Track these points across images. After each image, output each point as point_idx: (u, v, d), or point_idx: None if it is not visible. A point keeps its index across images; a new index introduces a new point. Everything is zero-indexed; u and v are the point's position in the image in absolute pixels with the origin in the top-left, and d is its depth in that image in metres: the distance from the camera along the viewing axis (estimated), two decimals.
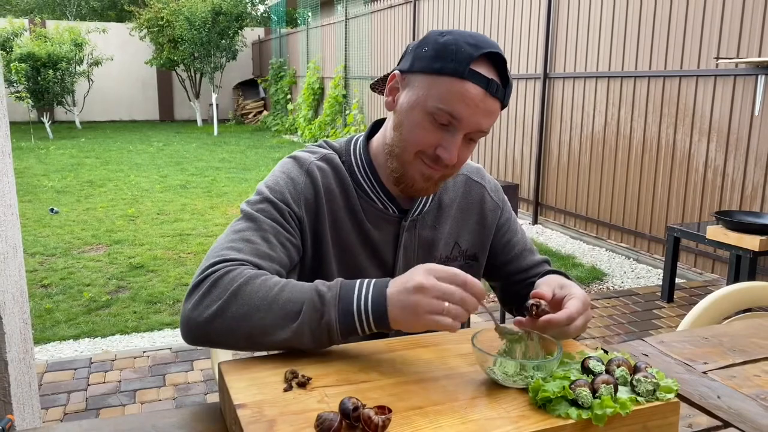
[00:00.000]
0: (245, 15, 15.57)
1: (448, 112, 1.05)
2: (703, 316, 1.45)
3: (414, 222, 1.21)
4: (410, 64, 1.11)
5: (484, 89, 1.04)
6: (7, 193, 1.80)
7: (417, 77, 1.09)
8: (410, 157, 1.10)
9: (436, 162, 1.09)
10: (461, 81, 1.03)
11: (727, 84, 4.29)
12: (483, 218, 1.29)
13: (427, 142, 1.08)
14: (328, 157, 1.20)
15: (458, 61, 1.04)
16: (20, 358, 1.85)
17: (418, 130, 1.08)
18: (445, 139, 1.07)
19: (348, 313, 0.93)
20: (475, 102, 1.04)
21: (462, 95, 1.04)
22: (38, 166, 9.45)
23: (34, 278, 4.47)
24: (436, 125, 1.07)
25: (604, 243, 5.47)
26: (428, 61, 1.07)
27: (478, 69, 1.04)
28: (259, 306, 0.95)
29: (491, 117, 1.08)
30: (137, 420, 0.90)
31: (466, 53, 1.04)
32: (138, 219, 6.31)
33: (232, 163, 9.99)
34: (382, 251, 1.20)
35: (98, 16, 25.06)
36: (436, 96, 1.05)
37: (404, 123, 1.10)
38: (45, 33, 14.09)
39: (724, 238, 3.46)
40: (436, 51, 1.06)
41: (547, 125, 6.15)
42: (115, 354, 3.25)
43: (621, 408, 0.79)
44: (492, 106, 1.07)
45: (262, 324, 0.94)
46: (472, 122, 1.06)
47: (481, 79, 1.04)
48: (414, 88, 1.09)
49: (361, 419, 0.74)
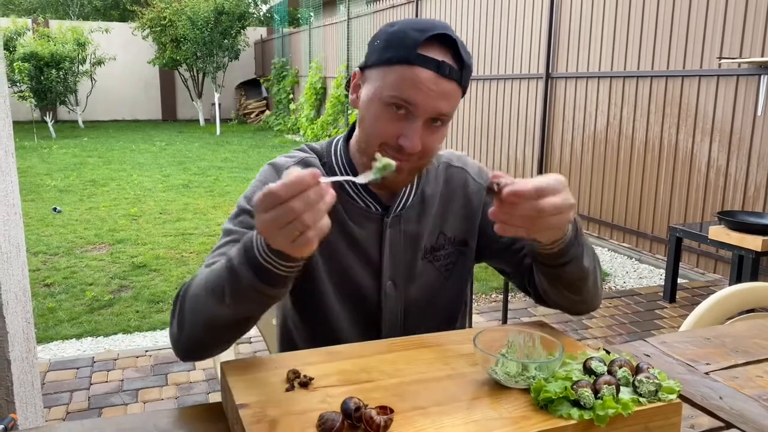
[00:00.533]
0: (248, 15, 15.59)
1: (403, 99, 1.04)
2: (705, 317, 1.45)
3: (398, 218, 1.20)
4: (366, 59, 1.12)
5: (434, 72, 1.04)
6: (10, 193, 1.80)
7: (373, 71, 1.10)
8: (375, 150, 1.09)
9: (400, 152, 1.07)
10: (410, 67, 1.03)
11: (730, 84, 4.28)
12: (468, 202, 1.27)
13: (387, 133, 1.07)
14: (306, 160, 1.20)
15: (405, 47, 1.04)
16: (23, 357, 1.85)
17: (378, 122, 1.08)
18: (406, 128, 1.06)
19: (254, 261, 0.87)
20: (427, 86, 1.03)
21: (413, 80, 1.03)
22: (41, 165, 9.47)
23: (37, 277, 4.48)
24: (395, 115, 1.06)
25: (606, 243, 5.46)
26: (380, 52, 1.08)
27: (427, 53, 1.04)
28: (198, 300, 0.97)
29: (448, 99, 1.06)
30: (139, 419, 0.91)
31: (412, 38, 1.04)
32: (140, 218, 6.32)
33: (234, 162, 10.00)
34: (367, 249, 1.19)
35: (101, 15, 25.10)
36: (390, 85, 1.05)
37: (365, 117, 1.11)
38: (48, 32, 14.12)
39: (727, 238, 3.45)
40: (386, 41, 1.07)
41: (550, 125, 6.14)
42: (117, 353, 3.26)
43: (623, 409, 0.79)
44: (447, 88, 1.05)
45: (209, 314, 0.95)
46: (428, 107, 1.05)
47: (431, 62, 1.04)
48: (371, 82, 1.10)
49: (363, 419, 0.75)
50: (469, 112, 7.56)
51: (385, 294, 1.20)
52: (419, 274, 1.22)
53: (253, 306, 0.93)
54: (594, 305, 1.16)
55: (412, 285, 1.22)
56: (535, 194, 0.88)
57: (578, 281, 1.08)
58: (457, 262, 1.26)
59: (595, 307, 1.17)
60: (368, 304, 1.20)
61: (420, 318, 1.23)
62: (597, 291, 1.15)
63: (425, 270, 1.23)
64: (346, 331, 1.20)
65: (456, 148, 7.85)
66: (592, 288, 1.12)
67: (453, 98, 1.07)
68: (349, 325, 1.20)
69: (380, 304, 1.20)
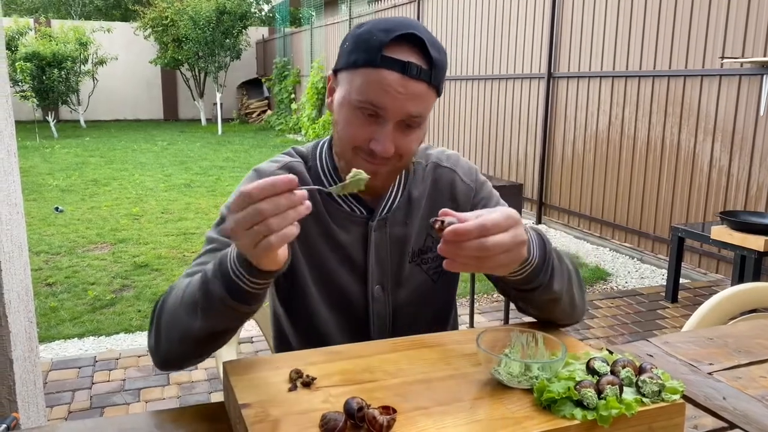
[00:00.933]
0: (249, 14, 15.59)
1: (370, 103, 1.02)
2: (708, 317, 1.45)
3: (384, 221, 1.18)
4: (336, 62, 1.11)
5: (401, 73, 1.01)
6: (12, 192, 1.80)
7: (342, 74, 1.08)
8: (349, 154, 1.08)
9: (373, 156, 1.06)
10: (376, 69, 1.01)
11: (732, 84, 4.27)
12: (455, 202, 1.23)
13: (359, 137, 1.06)
14: (290, 165, 1.18)
15: (370, 49, 1.02)
16: (25, 357, 1.85)
17: (349, 127, 1.06)
18: (376, 132, 1.04)
19: (226, 276, 0.88)
20: (393, 88, 1.01)
21: (379, 84, 1.01)
22: (43, 165, 9.48)
23: (39, 277, 4.48)
24: (366, 119, 1.04)
25: (608, 243, 5.46)
26: (347, 55, 1.06)
27: (392, 54, 1.01)
28: (174, 311, 0.97)
29: (418, 100, 1.03)
30: (141, 419, 0.91)
31: (377, 40, 1.02)
32: (142, 218, 6.33)
33: (236, 162, 10.01)
34: (352, 253, 1.17)
35: (103, 15, 25.12)
36: (357, 89, 1.03)
37: (338, 121, 1.09)
38: (50, 32, 14.14)
39: (729, 238, 3.45)
40: (353, 44, 1.06)
41: (551, 125, 6.14)
42: (119, 353, 3.26)
43: (626, 409, 0.79)
44: (415, 89, 1.02)
45: (184, 327, 0.95)
46: (397, 110, 1.03)
47: (396, 64, 1.01)
48: (342, 85, 1.08)
49: (366, 419, 0.74)
50: (471, 113, 7.56)
51: (373, 298, 1.18)
52: (407, 278, 1.20)
53: (225, 320, 0.93)
54: (572, 320, 1.13)
55: (400, 289, 1.20)
56: (478, 233, 0.85)
57: (549, 303, 1.05)
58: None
59: (575, 322, 1.14)
60: (355, 309, 1.19)
61: (409, 322, 1.21)
62: (573, 310, 1.10)
63: (413, 274, 1.21)
64: (334, 336, 1.18)
65: (458, 147, 7.84)
66: (567, 308, 1.08)
67: (423, 99, 1.05)
68: (337, 330, 1.19)
69: (368, 309, 1.19)
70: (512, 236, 0.87)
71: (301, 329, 1.21)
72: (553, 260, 1.01)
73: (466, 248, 0.85)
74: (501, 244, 0.86)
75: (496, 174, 7.07)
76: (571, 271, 1.09)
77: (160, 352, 1.02)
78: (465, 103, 7.68)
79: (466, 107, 7.66)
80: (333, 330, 1.19)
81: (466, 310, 3.80)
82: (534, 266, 0.97)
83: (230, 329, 0.97)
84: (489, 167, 7.20)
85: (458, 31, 7.72)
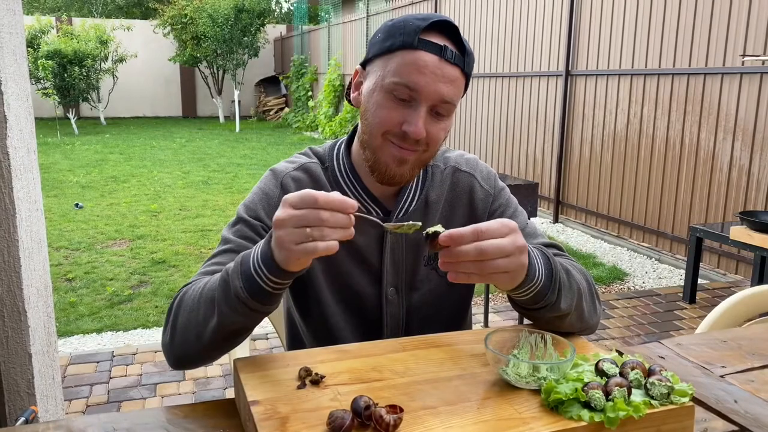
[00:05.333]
0: (267, 12, 15.66)
1: (405, 84, 1.03)
2: (722, 319, 1.43)
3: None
4: (367, 54, 1.12)
5: (438, 56, 1.03)
6: (32, 189, 1.84)
7: (374, 63, 1.09)
8: (378, 140, 1.08)
9: (404, 140, 1.06)
10: (413, 51, 1.03)
11: (754, 82, 4.21)
12: (473, 208, 1.23)
13: (391, 121, 1.06)
14: (306, 166, 1.19)
15: (407, 33, 1.03)
16: (44, 351, 1.89)
17: (381, 111, 1.06)
18: (409, 114, 1.04)
19: (247, 273, 0.90)
20: (430, 69, 1.02)
21: (416, 64, 1.02)
22: (64, 161, 9.61)
23: (59, 272, 4.55)
24: (398, 102, 1.05)
25: (625, 242, 5.41)
26: (380, 43, 1.08)
27: (429, 38, 1.03)
28: (192, 308, 0.99)
29: (452, 85, 1.05)
30: (153, 414, 0.92)
31: (414, 25, 1.04)
32: (160, 214, 6.39)
33: (253, 159, 10.06)
34: (368, 254, 1.17)
35: (123, 13, 25.38)
36: (392, 71, 1.04)
37: (368, 108, 1.09)
38: (71, 30, 14.31)
39: (749, 238, 3.40)
40: (387, 33, 1.07)
41: (569, 123, 6.09)
42: (136, 348, 3.30)
43: (634, 411, 0.79)
44: (450, 73, 1.04)
45: (199, 322, 0.97)
46: (432, 91, 1.03)
47: (433, 47, 1.03)
48: (373, 74, 1.09)
49: (373, 418, 0.75)
50: (488, 110, 7.53)
51: (387, 301, 1.18)
52: (421, 281, 1.20)
53: (241, 319, 0.94)
54: (582, 333, 1.11)
55: (414, 292, 1.20)
56: (473, 236, 0.86)
57: (556, 320, 1.03)
58: None
59: (587, 333, 1.12)
60: (369, 310, 1.19)
61: (422, 324, 1.21)
62: (583, 324, 1.09)
63: (428, 277, 1.20)
64: (347, 337, 1.19)
65: (475, 146, 7.82)
66: (576, 323, 1.07)
67: (457, 84, 1.06)
68: (350, 331, 1.19)
69: (381, 311, 1.19)
70: (510, 241, 0.88)
71: (314, 329, 1.22)
72: (561, 278, 1.00)
73: (463, 253, 0.86)
74: (499, 247, 0.87)
75: (513, 172, 7.04)
76: (582, 286, 1.08)
77: (174, 350, 1.03)
78: (482, 100, 7.65)
79: (483, 105, 7.63)
80: (346, 330, 1.19)
81: (480, 309, 3.80)
82: (540, 285, 0.96)
83: (244, 329, 0.98)
84: (506, 165, 7.17)
85: (476, 29, 7.69)
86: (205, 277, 1.04)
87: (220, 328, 0.95)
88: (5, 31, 1.65)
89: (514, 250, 0.88)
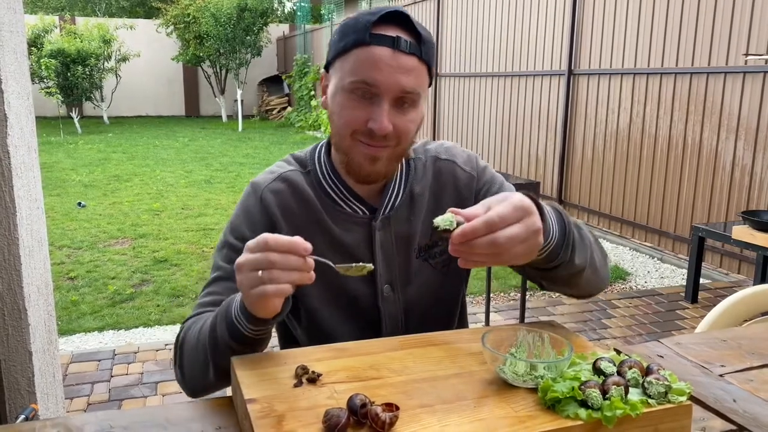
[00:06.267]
0: (270, 11, 15.67)
1: (363, 81, 1.03)
2: (722, 318, 1.43)
3: (387, 219, 1.17)
4: (327, 57, 1.12)
5: (391, 48, 1.02)
6: (33, 188, 1.84)
7: (334, 65, 1.09)
8: (348, 141, 1.08)
9: (372, 137, 1.05)
10: (366, 47, 1.02)
11: (757, 81, 4.20)
12: (458, 193, 1.22)
13: (356, 120, 1.06)
14: (285, 175, 1.18)
15: (358, 30, 1.03)
16: (44, 349, 1.89)
17: (345, 111, 1.06)
18: (373, 111, 1.04)
19: (230, 322, 0.96)
20: (385, 62, 1.02)
21: (370, 60, 1.02)
22: (67, 160, 9.63)
23: (61, 270, 4.56)
24: (360, 101, 1.05)
25: (627, 242, 5.40)
26: (336, 44, 1.08)
27: (381, 31, 1.03)
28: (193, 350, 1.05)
29: (411, 74, 1.04)
30: (152, 412, 0.92)
31: (364, 20, 1.03)
32: (163, 213, 6.40)
33: (256, 158, 10.07)
34: (358, 254, 1.16)
35: (127, 13, 25.41)
36: (349, 71, 1.04)
37: (334, 110, 1.09)
38: (75, 29, 14.35)
39: (751, 238, 3.39)
40: (341, 32, 1.07)
41: (571, 122, 6.09)
42: (138, 346, 3.31)
43: (631, 410, 0.78)
44: (407, 63, 1.03)
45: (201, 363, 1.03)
46: (391, 84, 1.03)
47: (386, 39, 1.02)
48: (334, 76, 1.09)
49: (369, 416, 0.75)
50: (490, 109, 7.52)
51: (383, 299, 1.17)
52: (415, 274, 1.19)
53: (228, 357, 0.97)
54: (597, 288, 1.12)
55: (409, 287, 1.19)
56: (486, 229, 0.83)
57: (573, 277, 1.03)
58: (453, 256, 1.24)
59: (600, 290, 1.13)
60: (366, 311, 1.18)
61: (421, 318, 1.21)
62: (597, 279, 1.09)
63: (421, 270, 1.20)
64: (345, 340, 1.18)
65: (477, 145, 7.81)
66: (591, 278, 1.07)
67: (416, 73, 1.05)
68: (348, 336, 1.18)
69: (378, 310, 1.18)
70: (525, 227, 0.84)
71: (309, 337, 1.20)
72: (574, 235, 0.99)
73: (478, 246, 0.84)
74: (513, 237, 0.83)
75: (515, 172, 7.03)
76: (591, 240, 1.08)
77: (186, 384, 1.10)
78: (484, 99, 7.64)
79: (485, 104, 7.62)
80: (344, 335, 1.17)
81: (481, 308, 3.80)
82: (554, 245, 0.95)
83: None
84: (508, 165, 7.17)
85: (478, 28, 7.68)
86: (204, 311, 1.10)
87: (220, 368, 1.00)
88: (6, 30, 1.65)
89: (530, 234, 0.85)
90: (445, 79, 8.69)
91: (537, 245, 0.87)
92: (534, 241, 0.86)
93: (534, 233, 0.86)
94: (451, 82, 8.51)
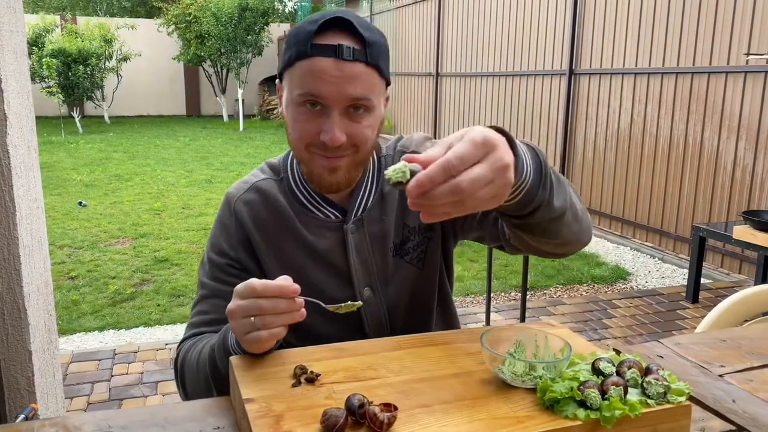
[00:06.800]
0: (271, 11, 15.67)
1: (310, 94, 1.01)
2: (722, 318, 1.42)
3: (360, 221, 1.16)
4: (278, 68, 1.11)
5: (333, 57, 0.99)
6: (32, 187, 1.84)
7: (284, 77, 1.08)
8: (305, 154, 1.07)
9: (326, 149, 1.04)
10: (309, 59, 1.00)
11: (758, 81, 4.19)
12: None
13: (308, 133, 1.04)
14: (257, 185, 1.18)
15: (299, 42, 1.01)
16: (44, 349, 1.89)
17: (297, 125, 1.05)
18: (323, 123, 1.02)
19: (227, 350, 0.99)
20: (329, 73, 0.99)
21: (313, 73, 1.00)
22: (68, 160, 9.64)
23: (62, 270, 4.56)
24: (311, 113, 1.03)
25: (628, 242, 5.40)
26: (283, 55, 1.07)
27: (322, 41, 1.00)
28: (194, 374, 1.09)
29: (357, 82, 1.01)
30: (150, 412, 0.92)
31: (305, 31, 1.01)
32: (163, 213, 6.40)
33: (257, 158, 10.07)
34: (333, 259, 1.16)
35: (128, 13, 25.41)
36: (296, 84, 1.03)
37: (288, 124, 1.08)
38: (76, 29, 14.35)
39: (752, 238, 3.39)
40: (286, 43, 1.06)
41: (572, 122, 6.08)
42: (138, 346, 3.31)
43: (630, 410, 0.78)
44: (352, 71, 1.00)
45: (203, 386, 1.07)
46: (337, 95, 1.00)
47: (327, 49, 1.00)
48: (285, 88, 1.08)
49: (367, 416, 0.75)
50: (491, 109, 7.52)
51: (363, 301, 1.17)
52: (393, 273, 1.19)
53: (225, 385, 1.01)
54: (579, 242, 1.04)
55: (389, 286, 1.19)
56: (444, 175, 0.70)
57: (553, 223, 0.94)
58: (428, 249, 1.21)
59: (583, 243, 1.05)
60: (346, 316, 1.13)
61: (405, 315, 1.20)
62: (579, 227, 1.00)
63: (398, 268, 1.19)
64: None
65: None
66: (573, 225, 0.98)
67: (363, 80, 1.01)
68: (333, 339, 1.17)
69: (360, 313, 1.17)
70: (489, 165, 0.72)
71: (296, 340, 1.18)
72: (550, 172, 0.90)
73: (438, 196, 0.71)
74: (477, 179, 0.71)
75: None
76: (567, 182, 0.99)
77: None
78: (485, 99, 7.64)
79: (486, 104, 7.62)
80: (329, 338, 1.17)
81: (482, 308, 3.80)
82: (529, 184, 0.85)
83: None
84: None
85: (479, 27, 7.68)
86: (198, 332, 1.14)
87: (224, 388, 1.01)
88: (5, 29, 1.65)
89: (496, 173, 0.72)
90: (446, 79, 8.68)
91: (506, 184, 0.74)
92: (502, 180, 0.73)
93: (501, 170, 0.73)
94: (452, 81, 8.51)
